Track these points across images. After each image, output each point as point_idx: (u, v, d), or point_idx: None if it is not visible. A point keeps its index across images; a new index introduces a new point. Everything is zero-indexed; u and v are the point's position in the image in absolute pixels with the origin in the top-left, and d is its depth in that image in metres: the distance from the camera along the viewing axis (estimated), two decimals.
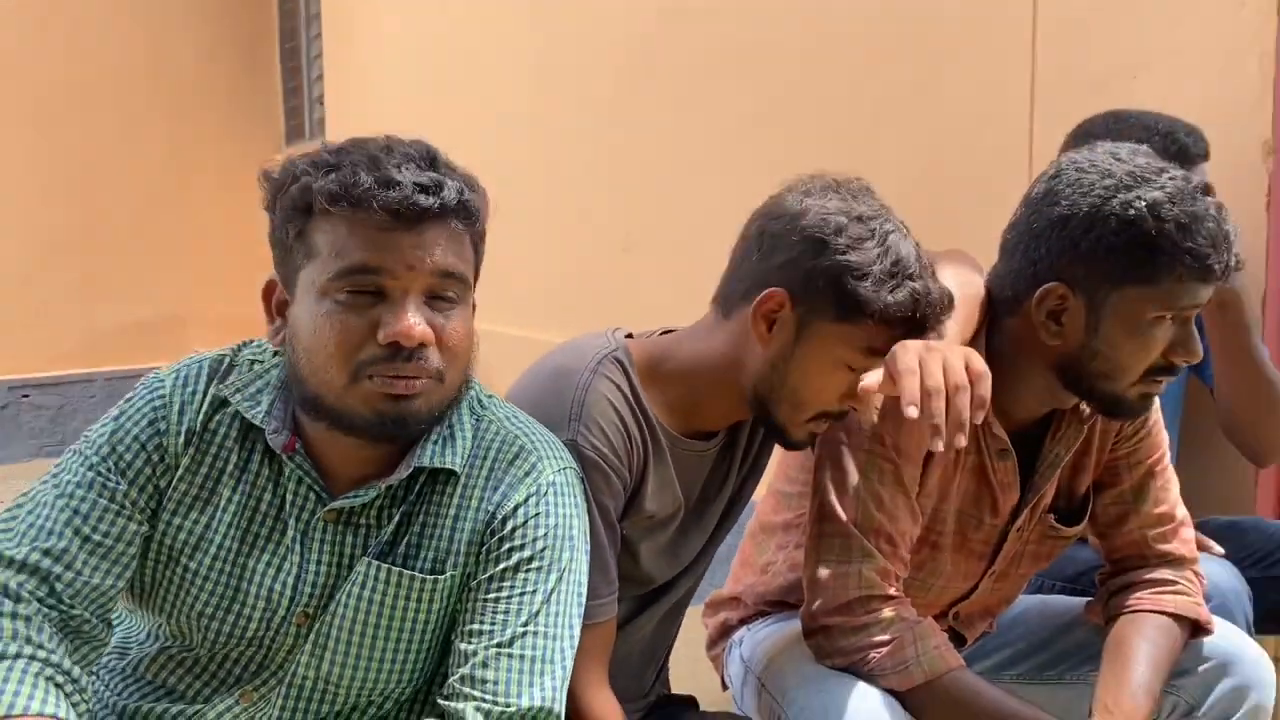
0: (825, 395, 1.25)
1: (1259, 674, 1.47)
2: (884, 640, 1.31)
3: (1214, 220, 1.26)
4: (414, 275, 1.03)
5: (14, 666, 0.95)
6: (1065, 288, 1.31)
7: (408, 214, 1.02)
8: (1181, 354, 1.31)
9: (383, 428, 1.04)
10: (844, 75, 2.94)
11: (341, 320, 1.02)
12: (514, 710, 1.03)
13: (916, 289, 1.20)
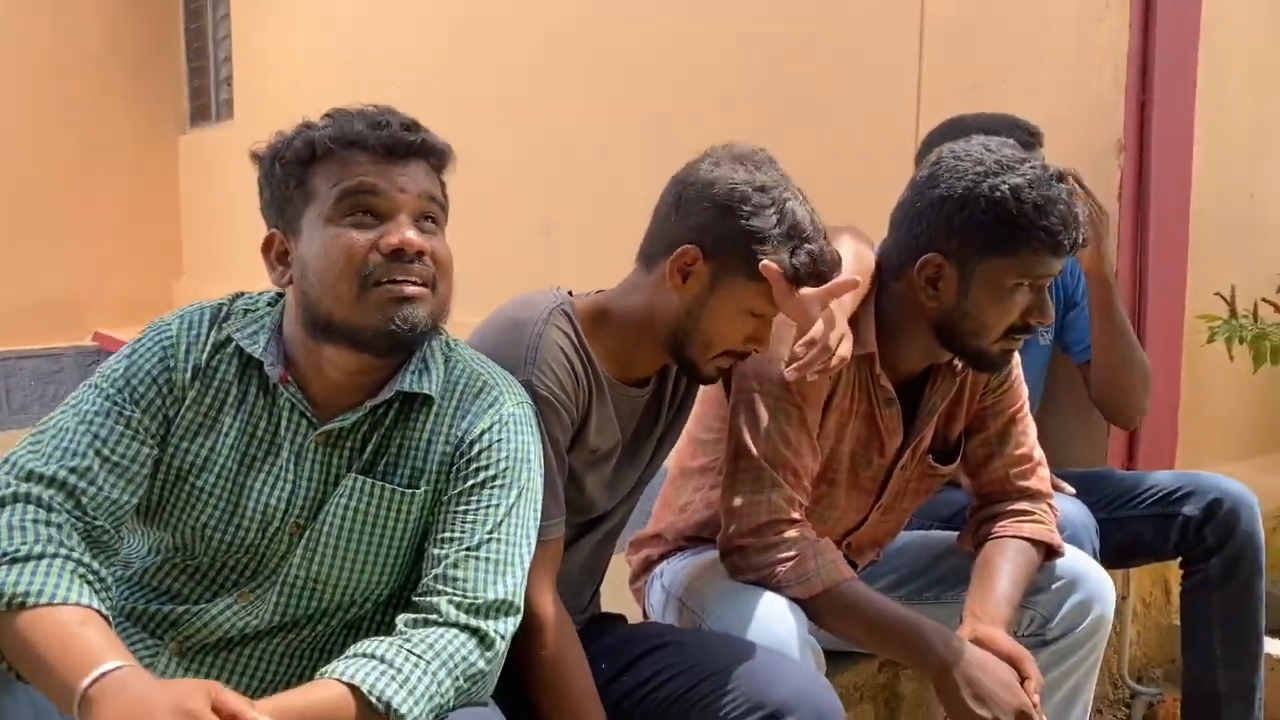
0: (731, 337, 1.46)
1: (1102, 591, 1.73)
2: (789, 557, 1.53)
3: (1064, 203, 1.51)
4: (405, 198, 1.21)
5: (52, 564, 1.09)
6: (941, 258, 1.55)
7: (396, 148, 1.21)
8: (1037, 316, 1.56)
9: (392, 334, 1.19)
10: (753, 73, 3.17)
11: (348, 238, 1.19)
12: (481, 602, 1.21)
13: (812, 250, 1.41)
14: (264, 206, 1.29)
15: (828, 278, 1.41)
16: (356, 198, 1.20)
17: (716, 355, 1.47)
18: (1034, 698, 1.48)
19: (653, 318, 1.48)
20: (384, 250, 1.19)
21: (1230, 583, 2.02)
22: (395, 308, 1.20)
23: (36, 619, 1.05)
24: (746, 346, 1.47)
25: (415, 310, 1.21)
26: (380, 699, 1.08)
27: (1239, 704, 2.04)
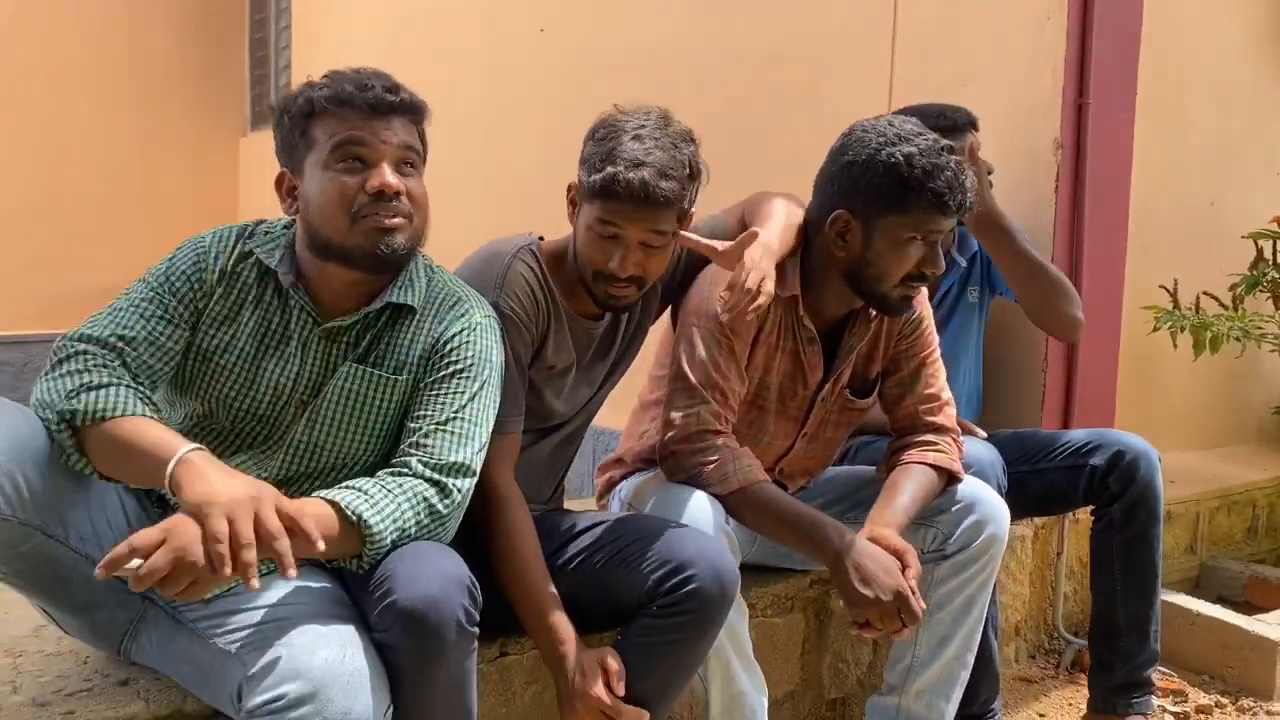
0: (595, 259, 1.73)
1: (996, 512, 2.00)
2: (713, 460, 1.83)
3: (951, 170, 1.80)
4: (386, 148, 1.52)
5: (119, 389, 1.41)
6: (848, 214, 1.85)
7: (379, 107, 1.52)
8: (929, 265, 1.85)
9: (377, 256, 1.52)
10: (742, 75, 3.50)
11: (340, 182, 1.51)
12: (443, 462, 1.52)
13: (618, 172, 1.66)
14: (276, 149, 1.61)
15: (623, 198, 1.66)
16: (347, 148, 1.52)
17: (593, 277, 1.75)
18: (912, 584, 1.76)
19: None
20: (369, 191, 1.51)
21: (1130, 526, 2.27)
22: (379, 236, 1.52)
23: (117, 426, 1.38)
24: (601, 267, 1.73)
25: (394, 237, 1.53)
26: (354, 513, 1.40)
27: (1135, 634, 2.29)
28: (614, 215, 1.69)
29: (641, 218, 1.68)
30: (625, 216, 1.68)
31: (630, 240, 1.70)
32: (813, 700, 2.26)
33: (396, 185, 1.51)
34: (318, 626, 1.39)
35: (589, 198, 1.71)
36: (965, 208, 1.83)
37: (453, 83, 4.99)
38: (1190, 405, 3.54)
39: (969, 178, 1.84)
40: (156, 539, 1.25)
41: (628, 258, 1.71)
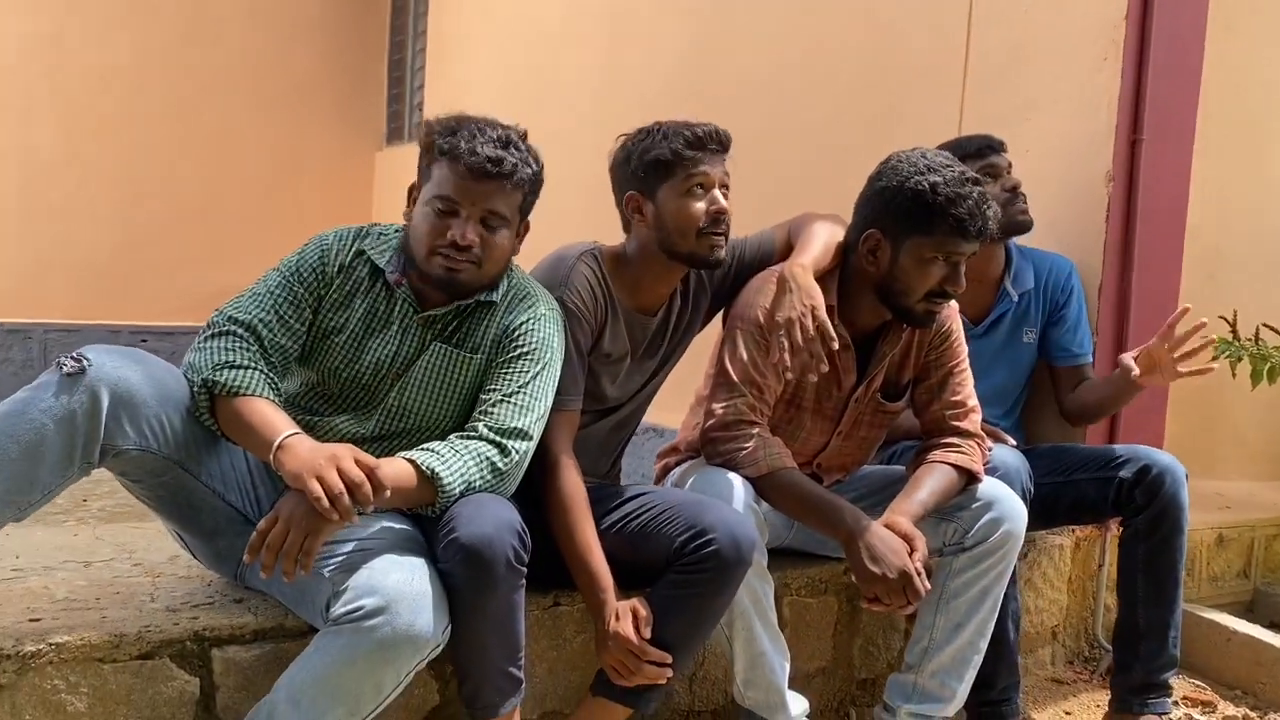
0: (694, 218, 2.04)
1: (1013, 511, 2.17)
2: (747, 447, 2.06)
3: (973, 200, 2.00)
4: (474, 209, 1.81)
5: (253, 372, 1.74)
6: (879, 234, 2.07)
7: (478, 173, 1.80)
8: (950, 284, 2.05)
9: (441, 284, 1.84)
10: (825, 107, 3.72)
11: (431, 223, 1.82)
12: (506, 427, 1.80)
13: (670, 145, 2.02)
14: (418, 166, 1.93)
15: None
16: (442, 201, 1.82)
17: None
18: (917, 565, 1.96)
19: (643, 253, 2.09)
20: (448, 239, 1.81)
21: (1153, 536, 2.41)
22: (445, 273, 1.83)
23: (247, 403, 1.72)
24: None
25: (456, 277, 1.83)
26: (429, 468, 1.70)
27: (1155, 639, 2.42)
28: (696, 164, 2.02)
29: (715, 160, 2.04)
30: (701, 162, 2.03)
31: (714, 183, 2.04)
32: (843, 678, 2.47)
33: (469, 242, 1.81)
34: (394, 556, 1.69)
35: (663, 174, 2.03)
36: (985, 234, 2.03)
37: (568, 103, 5.34)
38: (1259, 436, 3.59)
39: (992, 207, 2.04)
40: (272, 519, 1.60)
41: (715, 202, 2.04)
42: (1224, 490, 3.41)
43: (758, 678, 2.06)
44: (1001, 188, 2.56)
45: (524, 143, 1.89)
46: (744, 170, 3.80)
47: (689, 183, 2.02)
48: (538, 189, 1.93)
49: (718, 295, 2.27)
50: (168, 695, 1.75)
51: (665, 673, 1.86)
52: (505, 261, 1.92)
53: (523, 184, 1.87)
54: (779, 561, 2.36)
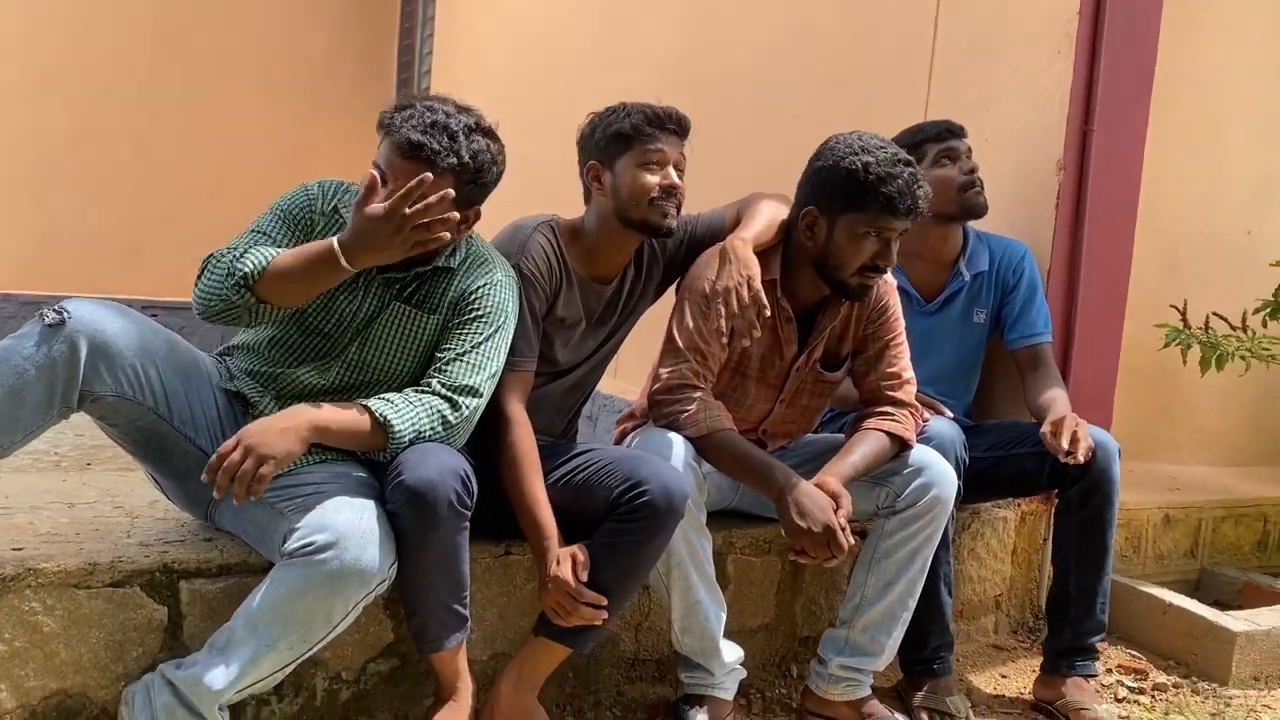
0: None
1: (942, 478, 2.30)
2: (688, 409, 2.19)
3: (904, 179, 2.13)
4: (398, 184, 1.85)
5: (258, 249, 1.86)
6: (816, 211, 2.20)
7: (401, 152, 1.89)
8: (882, 260, 2.18)
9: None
10: (802, 101, 3.84)
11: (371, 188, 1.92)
12: (457, 384, 1.94)
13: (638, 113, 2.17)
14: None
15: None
16: (379, 172, 1.91)
17: None
18: (842, 521, 2.09)
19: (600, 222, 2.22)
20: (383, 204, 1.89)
21: (1086, 508, 2.53)
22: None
23: (276, 265, 1.85)
24: None
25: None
26: (381, 415, 1.84)
27: (1083, 605, 2.54)
28: (654, 141, 2.16)
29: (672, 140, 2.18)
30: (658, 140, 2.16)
31: (669, 160, 2.18)
32: (785, 635, 2.60)
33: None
34: (346, 498, 1.82)
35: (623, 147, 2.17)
36: (915, 212, 2.16)
37: (568, 92, 5.48)
38: (1218, 423, 3.69)
39: (923, 187, 2.17)
40: (233, 443, 1.74)
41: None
42: (1177, 474, 3.51)
43: (693, 625, 2.20)
44: (960, 171, 2.69)
45: (472, 134, 1.94)
46: (728, 154, 3.94)
47: (645, 157, 2.16)
48: (481, 179, 1.98)
49: (670, 268, 2.40)
50: (137, 621, 1.90)
51: (601, 614, 2.00)
52: (453, 239, 2.00)
53: (448, 170, 1.89)
54: (725, 522, 2.50)
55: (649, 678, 2.42)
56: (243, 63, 7.91)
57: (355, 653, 2.09)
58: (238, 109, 7.91)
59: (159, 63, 7.72)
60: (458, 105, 1.99)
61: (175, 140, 7.80)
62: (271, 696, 2.01)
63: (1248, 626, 2.76)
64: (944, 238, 2.81)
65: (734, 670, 2.28)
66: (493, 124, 2.03)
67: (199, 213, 7.77)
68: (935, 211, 2.70)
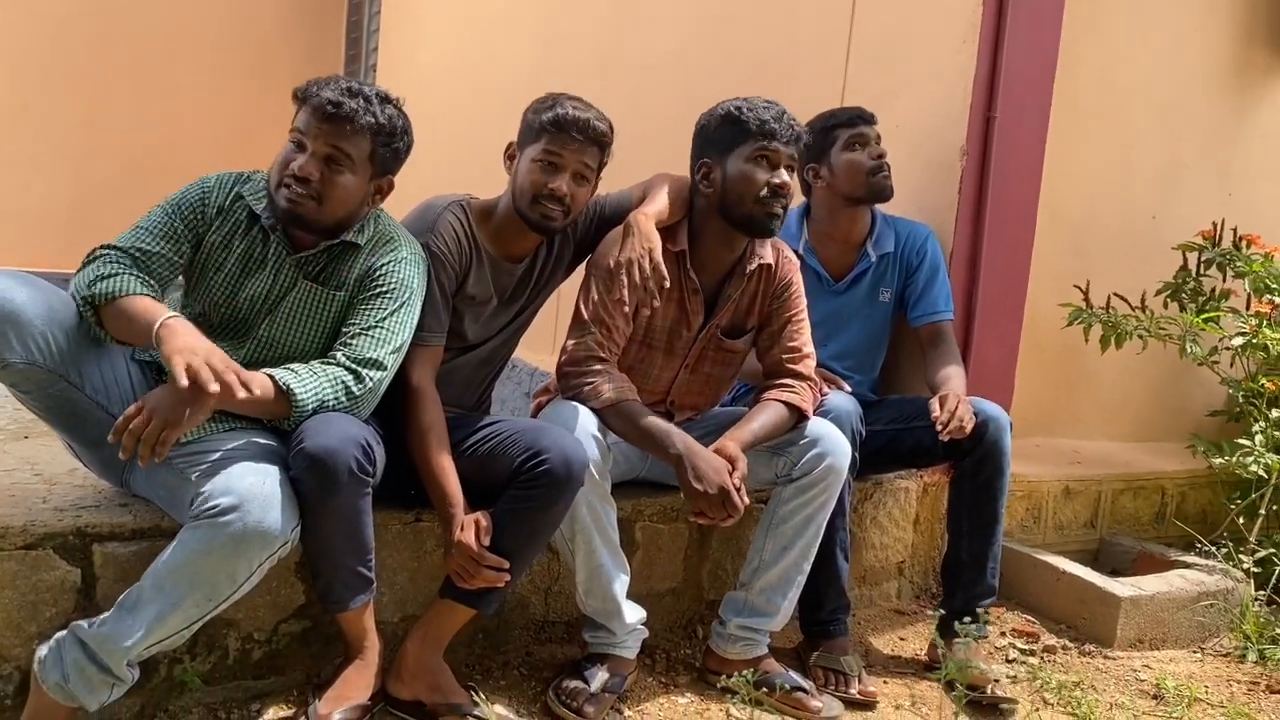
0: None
1: (837, 448, 2.41)
2: (592, 381, 2.29)
3: (776, 109, 2.32)
4: (318, 145, 2.01)
5: (127, 278, 1.92)
6: (709, 161, 2.34)
7: (319, 114, 2.01)
8: (777, 178, 2.29)
9: (285, 218, 2.04)
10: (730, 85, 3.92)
11: (285, 155, 2.03)
12: (361, 357, 2.02)
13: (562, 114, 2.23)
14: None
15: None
16: (295, 134, 2.03)
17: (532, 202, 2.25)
18: (737, 483, 2.20)
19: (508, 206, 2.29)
20: (288, 169, 2.02)
21: (977, 477, 2.66)
22: (287, 204, 2.02)
23: (125, 302, 1.91)
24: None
25: (296, 209, 2.02)
26: (285, 384, 1.92)
27: (974, 570, 2.67)
28: (557, 144, 2.22)
29: (574, 146, 2.23)
30: (561, 144, 2.23)
31: (566, 166, 2.23)
32: (692, 598, 2.71)
33: (304, 173, 2.01)
34: (251, 463, 1.90)
35: (530, 139, 2.25)
36: (796, 136, 2.33)
37: (510, 71, 5.53)
38: (1124, 401, 3.84)
39: (796, 120, 2.37)
40: (138, 407, 1.80)
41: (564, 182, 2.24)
42: (1081, 448, 3.67)
43: (596, 588, 2.30)
44: (868, 156, 2.80)
45: (384, 103, 2.08)
46: (659, 135, 4.02)
47: (543, 156, 2.24)
48: (394, 144, 2.10)
49: (581, 246, 2.49)
50: (50, 582, 1.97)
51: (503, 577, 2.09)
52: (351, 205, 2.10)
53: (366, 130, 2.03)
54: (634, 491, 2.60)
55: (558, 639, 2.53)
56: (190, 39, 7.86)
57: (267, 614, 2.17)
58: (185, 85, 7.86)
59: (105, 38, 7.65)
60: (366, 83, 2.11)
61: (121, 116, 7.74)
62: (184, 655, 2.09)
63: (1133, 592, 2.91)
64: (853, 220, 2.92)
65: (636, 630, 2.38)
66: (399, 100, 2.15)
67: (145, 189, 7.64)
68: (844, 194, 2.83)
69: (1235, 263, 3.46)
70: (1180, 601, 2.96)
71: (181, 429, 1.81)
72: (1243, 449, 3.27)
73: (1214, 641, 3.00)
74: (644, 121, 4.41)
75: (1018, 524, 3.28)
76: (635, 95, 4.56)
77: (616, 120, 2.34)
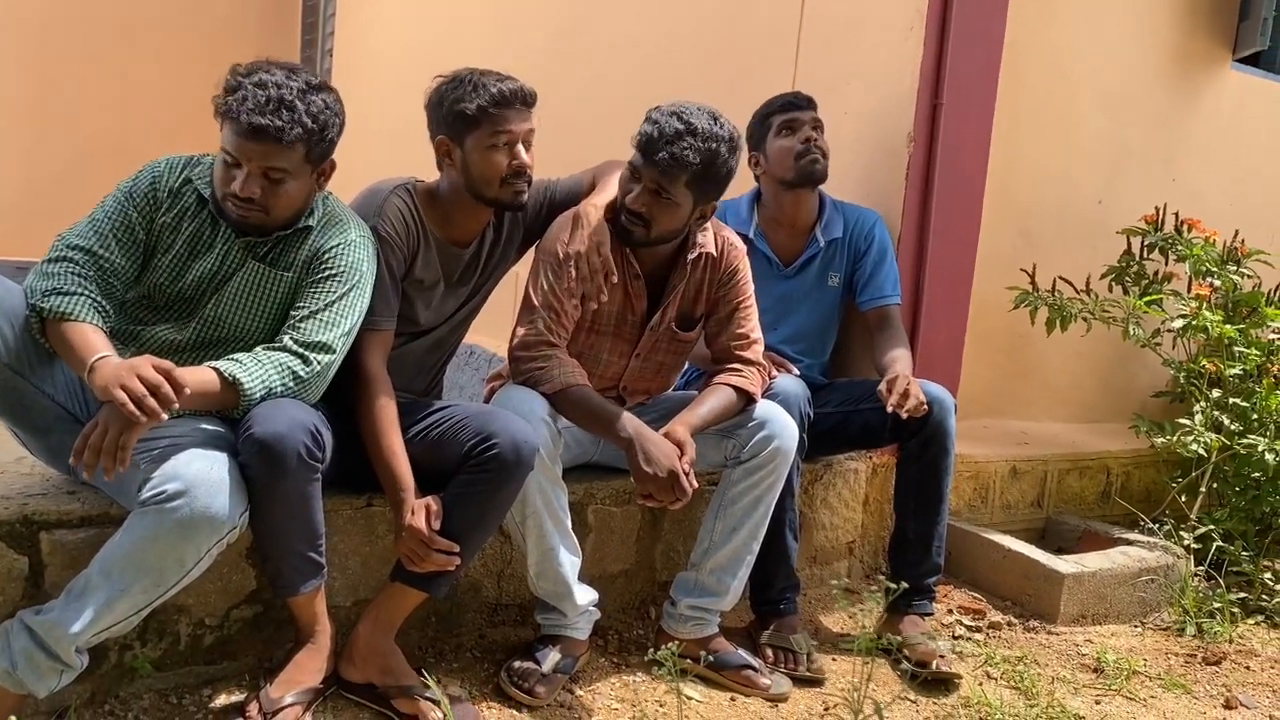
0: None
1: (784, 430, 2.45)
2: (542, 366, 2.31)
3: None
4: (252, 165, 1.99)
5: (80, 299, 1.93)
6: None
7: (247, 135, 1.97)
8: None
9: (236, 228, 2.06)
10: (685, 72, 3.95)
11: (221, 174, 2.02)
12: (310, 341, 2.03)
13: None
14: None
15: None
16: (226, 155, 2.01)
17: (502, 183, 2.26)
18: (685, 467, 2.23)
19: (454, 192, 2.30)
20: (231, 188, 2.01)
21: (923, 458, 2.71)
22: (236, 217, 2.04)
23: (70, 327, 1.91)
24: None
25: (245, 222, 2.04)
26: (230, 375, 1.92)
27: (920, 548, 2.73)
28: (501, 122, 2.21)
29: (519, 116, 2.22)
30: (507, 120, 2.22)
31: (517, 138, 2.22)
32: (645, 580, 2.75)
33: (247, 193, 2.00)
34: (199, 449, 1.91)
35: (471, 126, 2.22)
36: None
37: (465, 51, 5.51)
38: (1071, 383, 3.92)
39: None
40: (93, 424, 1.81)
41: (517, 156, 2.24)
42: (1029, 429, 3.74)
43: (547, 570, 2.33)
44: (798, 140, 2.83)
45: (309, 96, 2.03)
46: (614, 121, 4.03)
47: (494, 139, 2.23)
48: (326, 137, 2.07)
49: (530, 231, 2.51)
50: None
51: (453, 561, 2.11)
52: (300, 202, 2.10)
53: (297, 141, 1.98)
54: (586, 475, 2.63)
55: (511, 621, 2.55)
56: (143, 24, 7.78)
57: (219, 599, 2.18)
58: (137, 71, 7.78)
59: (55, 23, 7.55)
60: (285, 69, 2.06)
61: (72, 102, 7.65)
62: (135, 641, 2.10)
63: (1075, 569, 2.98)
64: (796, 205, 2.96)
65: (587, 612, 2.41)
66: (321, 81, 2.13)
67: (95, 175, 7.56)
68: (777, 179, 2.89)
69: (1176, 246, 3.54)
70: (1122, 578, 3.04)
71: (138, 435, 1.81)
72: (1183, 429, 3.34)
73: (1154, 616, 3.08)
74: (597, 107, 4.44)
75: (965, 503, 3.35)
76: (589, 80, 4.58)
77: (569, 105, 2.36)
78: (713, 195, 2.35)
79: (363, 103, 7.00)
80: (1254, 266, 3.65)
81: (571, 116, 4.57)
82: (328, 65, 7.74)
